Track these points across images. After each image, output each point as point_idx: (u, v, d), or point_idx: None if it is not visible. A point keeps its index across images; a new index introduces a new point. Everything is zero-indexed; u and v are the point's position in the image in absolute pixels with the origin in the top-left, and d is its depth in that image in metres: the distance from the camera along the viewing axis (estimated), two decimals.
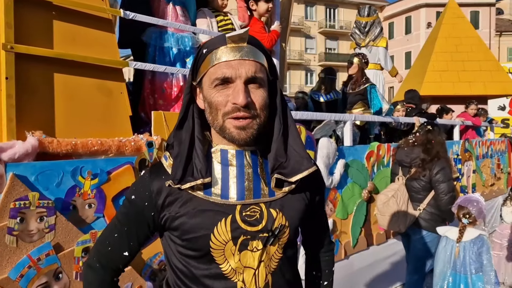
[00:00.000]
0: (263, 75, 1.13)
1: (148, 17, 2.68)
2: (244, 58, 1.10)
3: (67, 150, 2.17)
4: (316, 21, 39.07)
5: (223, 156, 1.18)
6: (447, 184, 3.64)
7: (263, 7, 3.58)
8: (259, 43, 1.18)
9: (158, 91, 2.94)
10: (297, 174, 1.16)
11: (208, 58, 1.13)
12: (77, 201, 2.17)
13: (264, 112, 1.13)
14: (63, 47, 2.27)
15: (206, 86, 1.14)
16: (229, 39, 1.11)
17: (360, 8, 7.54)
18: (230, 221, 1.13)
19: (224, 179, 1.16)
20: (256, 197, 1.16)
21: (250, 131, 1.11)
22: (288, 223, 1.18)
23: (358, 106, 5.06)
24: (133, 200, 1.20)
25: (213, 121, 1.14)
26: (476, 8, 34.62)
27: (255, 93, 1.11)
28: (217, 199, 1.14)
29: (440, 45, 9.77)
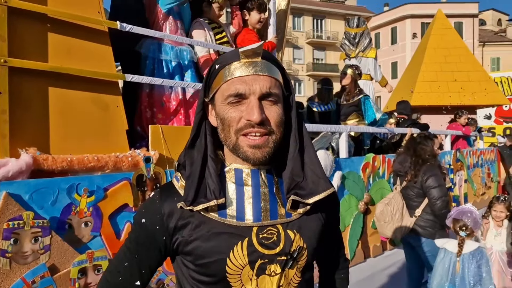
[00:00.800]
0: (278, 90, 1.08)
1: (146, 29, 2.63)
2: (258, 73, 1.05)
3: (63, 167, 2.10)
4: (303, 32, 39.38)
5: (237, 175, 1.12)
6: (438, 189, 3.62)
7: (255, 17, 3.58)
8: (274, 57, 1.13)
9: (157, 104, 2.88)
10: (314, 196, 1.10)
11: (221, 73, 1.09)
12: (73, 220, 2.09)
13: (279, 129, 1.08)
14: (58, 60, 2.21)
15: (219, 102, 1.08)
16: (243, 54, 1.06)
17: (349, 19, 7.59)
18: (246, 244, 1.07)
19: (239, 200, 1.10)
20: (272, 218, 1.10)
21: (266, 149, 1.06)
22: (306, 245, 1.13)
23: (353, 118, 5.05)
24: (143, 223, 1.13)
25: (226, 139, 1.08)
26: (459, 19, 35.29)
27: (270, 109, 1.06)
28: (232, 221, 1.08)
29: (430, 56, 9.89)
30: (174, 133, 2.63)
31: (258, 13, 3.58)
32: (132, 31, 2.50)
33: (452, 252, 3.32)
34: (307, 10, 39.02)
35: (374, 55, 7.07)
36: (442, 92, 9.42)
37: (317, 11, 40.21)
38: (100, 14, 2.40)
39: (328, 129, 3.99)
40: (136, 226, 1.15)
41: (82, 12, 2.30)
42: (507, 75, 17.01)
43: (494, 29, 44.48)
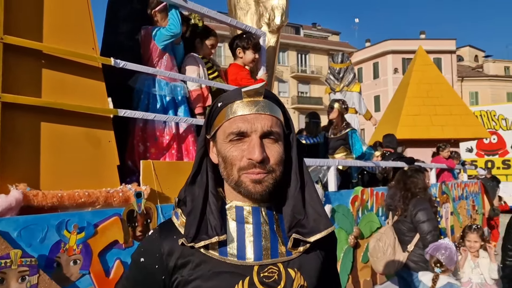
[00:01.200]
0: (279, 129, 1.10)
1: (140, 65, 2.65)
2: (260, 112, 1.08)
3: (53, 203, 2.06)
4: (288, 66, 40.18)
5: (238, 213, 1.12)
6: (428, 223, 3.64)
7: (250, 57, 3.63)
8: (275, 96, 1.16)
9: (151, 139, 2.88)
10: (316, 234, 1.11)
11: (223, 112, 1.11)
12: (61, 258, 2.03)
13: (280, 167, 1.09)
14: (51, 96, 2.20)
15: (221, 140, 1.10)
16: (245, 93, 1.09)
17: (333, 55, 7.81)
18: (248, 284, 1.06)
19: (240, 238, 1.10)
20: (273, 256, 1.10)
21: (266, 184, 1.07)
22: (306, 283, 1.12)
23: (341, 151, 5.11)
24: (141, 263, 1.11)
25: (228, 176, 1.10)
26: (438, 55, 36.52)
27: (270, 148, 1.08)
28: (233, 260, 1.08)
29: (412, 91, 10.17)
30: (166, 168, 2.62)
31: (253, 53, 3.64)
32: (126, 67, 2.53)
33: (427, 285, 3.34)
34: (291, 45, 39.98)
35: (358, 89, 7.25)
36: (425, 126, 9.62)
37: (301, 46, 41.22)
38: (95, 50, 2.42)
39: (317, 163, 4.02)
40: (134, 265, 1.13)
41: (76, 48, 2.32)
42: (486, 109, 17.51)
43: (471, 64, 46.09)
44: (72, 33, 2.37)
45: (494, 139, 16.24)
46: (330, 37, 47.47)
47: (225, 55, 33.09)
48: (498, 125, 16.76)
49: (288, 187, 1.14)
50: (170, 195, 2.56)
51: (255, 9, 4.32)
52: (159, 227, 1.17)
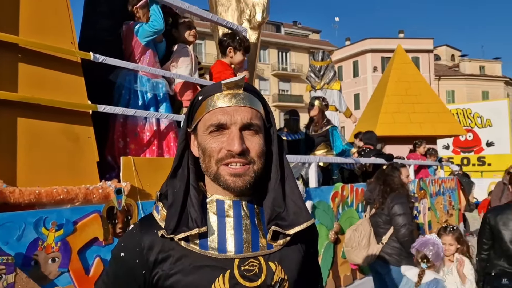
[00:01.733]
0: (259, 121, 1.10)
1: (120, 61, 2.62)
2: (239, 105, 1.07)
3: (30, 200, 2.02)
4: (269, 64, 40.22)
5: (219, 207, 1.12)
6: (403, 216, 3.72)
7: (239, 58, 3.62)
8: (255, 89, 1.16)
9: (131, 134, 2.84)
10: (295, 227, 1.11)
11: (203, 104, 1.11)
12: (39, 256, 2.00)
13: (260, 159, 1.09)
14: (28, 91, 2.16)
15: (201, 132, 1.10)
16: (225, 85, 1.09)
17: (314, 53, 7.87)
18: (228, 277, 1.06)
19: (220, 231, 1.09)
20: (254, 249, 1.10)
21: (247, 178, 1.07)
22: (287, 277, 1.12)
23: (321, 148, 5.15)
24: (122, 257, 1.10)
25: (207, 169, 1.09)
26: (416, 54, 37.11)
27: (251, 140, 1.07)
28: (214, 253, 1.07)
29: (391, 89, 10.32)
30: (146, 164, 2.59)
31: (243, 55, 3.65)
32: (106, 62, 2.49)
33: (412, 281, 3.36)
34: (272, 43, 40.01)
35: (338, 87, 7.32)
36: (404, 123, 9.78)
37: (282, 44, 41.31)
38: (73, 44, 2.38)
39: (298, 159, 4.05)
40: (115, 260, 1.12)
41: (54, 42, 2.28)
42: (462, 107, 17.90)
43: (448, 63, 47.01)
44: (49, 27, 2.33)
45: (469, 136, 16.63)
46: (311, 35, 47.71)
47: (206, 52, 32.94)
48: (474, 122, 17.16)
49: (269, 180, 1.14)
50: (151, 191, 2.53)
51: (236, 6, 4.31)
52: (140, 221, 1.16)
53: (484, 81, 43.09)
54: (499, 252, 3.35)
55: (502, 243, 3.29)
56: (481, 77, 43.58)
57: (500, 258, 3.33)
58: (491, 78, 43.84)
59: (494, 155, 16.14)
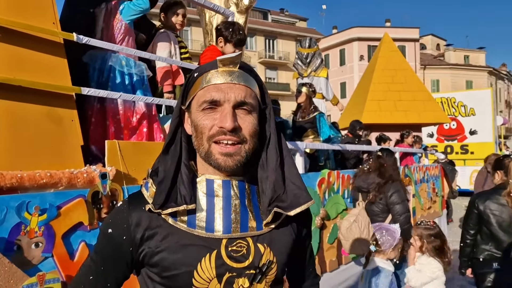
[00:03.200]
0: (254, 101, 1.09)
1: (104, 42, 2.56)
2: (234, 82, 1.06)
3: (12, 183, 1.97)
4: (256, 51, 40.03)
5: (208, 186, 1.10)
6: (402, 205, 3.77)
7: (229, 50, 3.53)
8: (251, 68, 1.14)
9: (112, 118, 2.78)
10: (296, 208, 1.10)
11: (198, 81, 1.09)
12: (22, 240, 1.95)
13: (253, 139, 1.08)
14: (9, 72, 2.09)
15: (194, 109, 1.09)
16: (220, 62, 1.07)
17: (301, 40, 7.82)
18: (215, 257, 1.05)
19: (209, 211, 1.08)
20: (243, 230, 1.09)
21: (237, 158, 1.05)
22: (276, 259, 1.11)
23: (309, 134, 5.15)
24: (109, 234, 1.09)
25: (199, 146, 1.08)
26: (402, 43, 37.30)
27: (244, 119, 1.06)
28: (201, 232, 1.06)
29: (378, 77, 10.37)
30: (132, 148, 2.55)
31: (233, 48, 3.56)
32: (90, 44, 2.43)
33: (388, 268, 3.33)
34: (259, 30, 39.78)
35: (325, 75, 7.31)
36: (390, 111, 9.86)
37: (269, 32, 41.10)
38: (55, 25, 2.31)
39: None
40: (102, 237, 1.11)
41: (36, 22, 2.21)
42: (446, 96, 18.08)
43: (433, 53, 47.42)
44: (31, 6, 2.26)
45: (453, 125, 16.83)
46: (298, 23, 47.55)
47: (192, 39, 32.56)
48: (458, 111, 17.36)
49: (265, 161, 1.13)
50: (137, 176, 2.50)
51: None
52: (128, 198, 1.15)
53: (469, 70, 43.61)
54: (487, 237, 3.39)
55: (491, 228, 3.33)
56: (466, 66, 44.08)
57: (488, 243, 3.37)
58: (475, 68, 44.38)
59: (476, 143, 16.40)
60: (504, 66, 51.86)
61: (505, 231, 3.29)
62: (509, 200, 3.27)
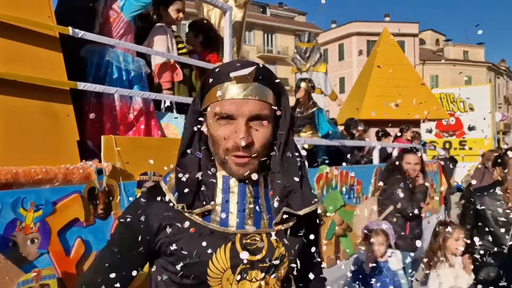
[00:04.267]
0: (268, 111, 1.11)
1: (101, 36, 2.53)
2: (248, 98, 1.08)
3: (7, 179, 1.95)
4: (254, 46, 39.90)
5: (225, 183, 1.15)
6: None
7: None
8: (268, 76, 1.14)
9: (108, 114, 2.75)
10: (305, 208, 1.14)
11: (213, 90, 1.12)
12: (17, 237, 1.94)
13: (265, 149, 1.12)
14: (3, 66, 2.06)
15: (210, 117, 1.13)
16: (234, 79, 1.08)
17: (300, 34, 7.77)
18: (230, 248, 1.10)
19: (224, 206, 1.14)
20: (256, 226, 1.13)
21: (251, 167, 1.11)
22: (287, 255, 1.16)
23: (306, 130, 5.14)
24: (128, 223, 1.13)
25: (216, 153, 1.14)
26: (401, 38, 37.22)
27: (257, 131, 1.10)
28: (216, 226, 1.11)
29: (377, 72, 10.32)
30: (128, 144, 2.53)
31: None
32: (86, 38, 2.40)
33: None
34: (257, 24, 39.61)
35: (324, 70, 7.26)
36: (388, 106, 9.82)
37: (268, 26, 40.94)
38: (51, 19, 2.28)
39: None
40: (121, 226, 1.16)
41: (31, 16, 2.18)
42: (445, 92, 18.08)
43: (432, 48, 47.35)
44: (26, 0, 2.22)
45: (452, 120, 16.83)
46: (297, 18, 47.36)
47: None
48: (457, 107, 17.36)
49: (279, 163, 1.15)
50: (133, 172, 2.48)
51: None
52: (147, 190, 1.21)
53: (468, 66, 43.59)
54: (483, 232, 3.39)
55: (488, 223, 3.34)
56: (465, 62, 44.06)
57: (484, 238, 3.37)
58: (474, 63, 44.36)
59: (475, 139, 16.41)
60: (503, 62, 51.84)
61: (501, 227, 3.30)
62: (506, 196, 3.27)
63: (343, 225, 4.74)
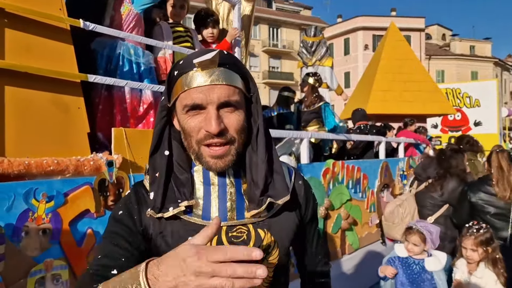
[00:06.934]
0: (238, 97, 1.06)
1: (111, 29, 2.53)
2: (215, 83, 1.02)
3: (20, 170, 1.97)
4: (259, 40, 39.76)
5: (205, 175, 1.12)
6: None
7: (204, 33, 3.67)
8: (233, 61, 1.09)
9: (119, 106, 2.77)
10: (284, 196, 1.11)
11: (179, 82, 1.05)
12: (30, 227, 1.97)
13: (241, 136, 1.07)
14: (16, 58, 2.08)
15: (179, 110, 1.07)
16: (198, 65, 1.02)
17: (306, 28, 7.73)
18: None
19: (205, 199, 1.10)
20: (239, 218, 1.10)
21: (228, 158, 1.05)
22: (277, 244, 1.13)
23: (313, 124, 5.13)
24: (120, 215, 1.11)
25: (189, 147, 1.09)
26: (407, 33, 36.95)
27: (229, 118, 1.04)
28: (198, 220, 1.08)
29: (383, 66, 10.25)
30: (138, 136, 2.55)
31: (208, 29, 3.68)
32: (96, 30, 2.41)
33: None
34: (263, 18, 39.45)
35: (330, 64, 7.23)
36: (395, 101, 9.78)
37: (273, 20, 40.75)
38: (62, 11, 2.29)
39: (290, 135, 4.03)
40: (113, 220, 1.12)
41: (42, 8, 2.19)
42: (451, 87, 17.95)
43: (439, 43, 47.00)
44: None
45: (458, 116, 16.72)
46: (302, 12, 47.12)
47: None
48: (463, 102, 17.24)
49: (255, 151, 1.12)
50: (143, 164, 2.50)
51: None
52: (134, 186, 1.19)
53: (474, 61, 43.26)
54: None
55: (484, 217, 3.38)
56: (471, 57, 43.73)
57: None
58: (480, 58, 44.02)
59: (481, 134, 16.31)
60: (510, 57, 51.45)
61: (498, 219, 3.34)
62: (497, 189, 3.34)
63: (349, 219, 4.74)
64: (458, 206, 3.61)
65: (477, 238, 2.92)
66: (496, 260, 2.89)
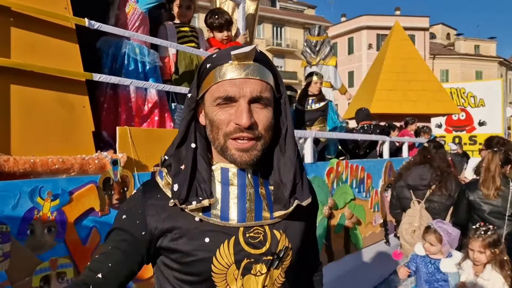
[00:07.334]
0: (269, 94, 1.07)
1: (116, 28, 2.54)
2: (249, 77, 1.03)
3: (25, 169, 1.98)
4: (263, 39, 39.73)
5: (223, 175, 1.11)
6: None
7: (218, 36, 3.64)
8: (267, 60, 1.11)
9: (124, 105, 2.78)
10: (307, 198, 1.12)
11: (211, 74, 1.06)
12: (35, 225, 1.97)
13: (268, 133, 1.07)
14: (21, 56, 2.09)
15: (208, 103, 1.07)
16: (234, 56, 1.04)
17: (310, 27, 7.71)
18: (233, 243, 1.06)
19: (224, 200, 1.09)
20: (257, 219, 1.10)
21: (254, 153, 1.05)
22: (291, 245, 1.13)
23: (318, 123, 5.12)
24: (124, 220, 1.09)
25: (214, 140, 1.08)
26: (411, 32, 36.77)
27: (259, 113, 1.05)
28: (216, 220, 1.07)
29: (388, 65, 10.24)
30: (143, 135, 2.55)
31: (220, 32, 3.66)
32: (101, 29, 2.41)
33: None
34: (267, 17, 39.41)
35: (334, 63, 7.21)
36: (399, 101, 9.76)
37: (277, 19, 40.71)
38: (67, 10, 2.30)
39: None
40: (117, 223, 1.11)
41: (48, 7, 2.20)
42: (456, 86, 17.89)
43: (443, 42, 46.82)
44: None
45: (462, 115, 16.67)
46: (306, 11, 47.05)
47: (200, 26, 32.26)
48: (467, 102, 17.18)
49: (284, 152, 1.12)
50: (148, 163, 2.51)
51: None
52: (143, 186, 1.15)
53: (479, 61, 43.08)
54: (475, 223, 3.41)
55: (483, 215, 3.42)
56: (476, 56, 43.55)
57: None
58: (485, 58, 43.83)
59: (485, 134, 16.24)
60: None
61: (494, 217, 3.38)
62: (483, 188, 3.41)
63: (353, 219, 4.74)
64: (457, 205, 3.64)
65: (485, 240, 2.87)
66: (503, 262, 2.85)
